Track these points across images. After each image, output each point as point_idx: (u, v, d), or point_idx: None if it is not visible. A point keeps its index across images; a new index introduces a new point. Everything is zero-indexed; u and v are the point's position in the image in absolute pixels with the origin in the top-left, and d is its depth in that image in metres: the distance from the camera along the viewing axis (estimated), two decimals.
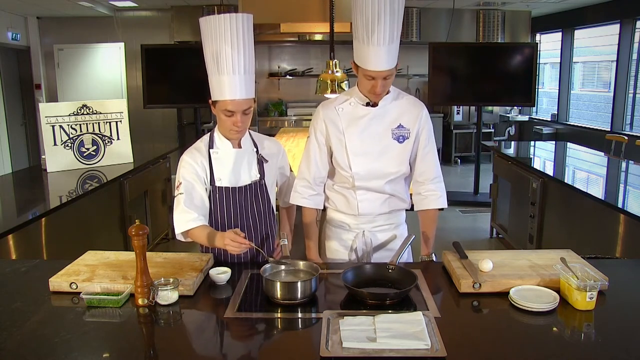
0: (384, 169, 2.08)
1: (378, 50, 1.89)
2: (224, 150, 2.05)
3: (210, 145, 2.06)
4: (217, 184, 2.04)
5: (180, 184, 2.00)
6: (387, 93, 2.07)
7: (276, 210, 2.23)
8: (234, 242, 1.78)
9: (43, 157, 4.11)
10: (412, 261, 2.29)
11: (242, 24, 1.89)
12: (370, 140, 2.07)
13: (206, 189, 2.04)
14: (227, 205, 2.05)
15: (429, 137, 2.11)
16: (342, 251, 2.24)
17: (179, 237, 2.02)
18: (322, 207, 2.25)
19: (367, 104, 2.06)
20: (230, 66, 1.89)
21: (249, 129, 2.10)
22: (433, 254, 2.15)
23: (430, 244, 2.16)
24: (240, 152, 2.06)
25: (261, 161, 2.10)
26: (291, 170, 2.34)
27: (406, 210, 2.27)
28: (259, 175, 2.09)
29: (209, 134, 2.10)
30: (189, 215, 1.95)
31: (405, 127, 2.07)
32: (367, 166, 2.07)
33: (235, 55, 1.89)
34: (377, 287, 1.78)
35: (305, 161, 2.18)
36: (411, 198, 2.23)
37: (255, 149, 2.11)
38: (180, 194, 1.98)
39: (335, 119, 2.09)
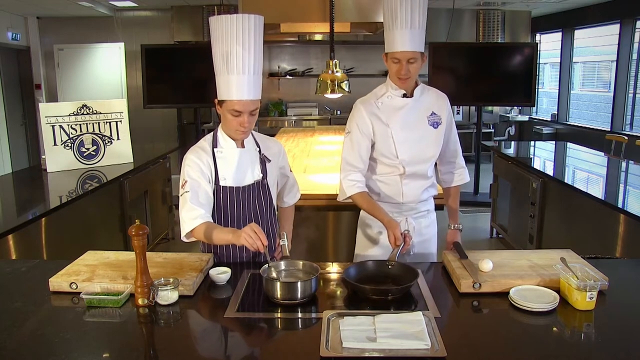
0: (425, 153, 2.26)
1: (401, 33, 2.10)
2: (228, 150, 2.04)
3: (214, 144, 2.05)
4: (222, 183, 2.03)
5: (186, 182, 1.98)
6: (417, 85, 2.24)
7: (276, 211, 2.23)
8: (257, 235, 1.76)
9: (43, 157, 4.11)
10: (435, 251, 2.40)
11: (254, 25, 1.90)
12: (411, 128, 2.23)
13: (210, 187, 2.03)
14: (231, 204, 2.04)
15: (454, 122, 2.39)
16: (375, 241, 2.31)
17: (183, 239, 1.98)
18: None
19: (404, 96, 2.22)
20: (240, 66, 1.89)
21: None
22: (460, 224, 2.34)
23: (457, 215, 2.43)
24: (244, 151, 2.06)
25: (264, 161, 2.10)
26: (291, 171, 2.34)
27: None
28: (261, 175, 2.09)
29: (211, 133, 2.09)
30: (195, 212, 1.93)
31: (437, 114, 2.28)
32: (411, 152, 2.23)
33: (245, 55, 1.89)
34: (378, 284, 1.79)
35: (350, 153, 2.25)
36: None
37: (257, 149, 2.11)
38: (186, 192, 1.96)
39: (377, 113, 2.23)
